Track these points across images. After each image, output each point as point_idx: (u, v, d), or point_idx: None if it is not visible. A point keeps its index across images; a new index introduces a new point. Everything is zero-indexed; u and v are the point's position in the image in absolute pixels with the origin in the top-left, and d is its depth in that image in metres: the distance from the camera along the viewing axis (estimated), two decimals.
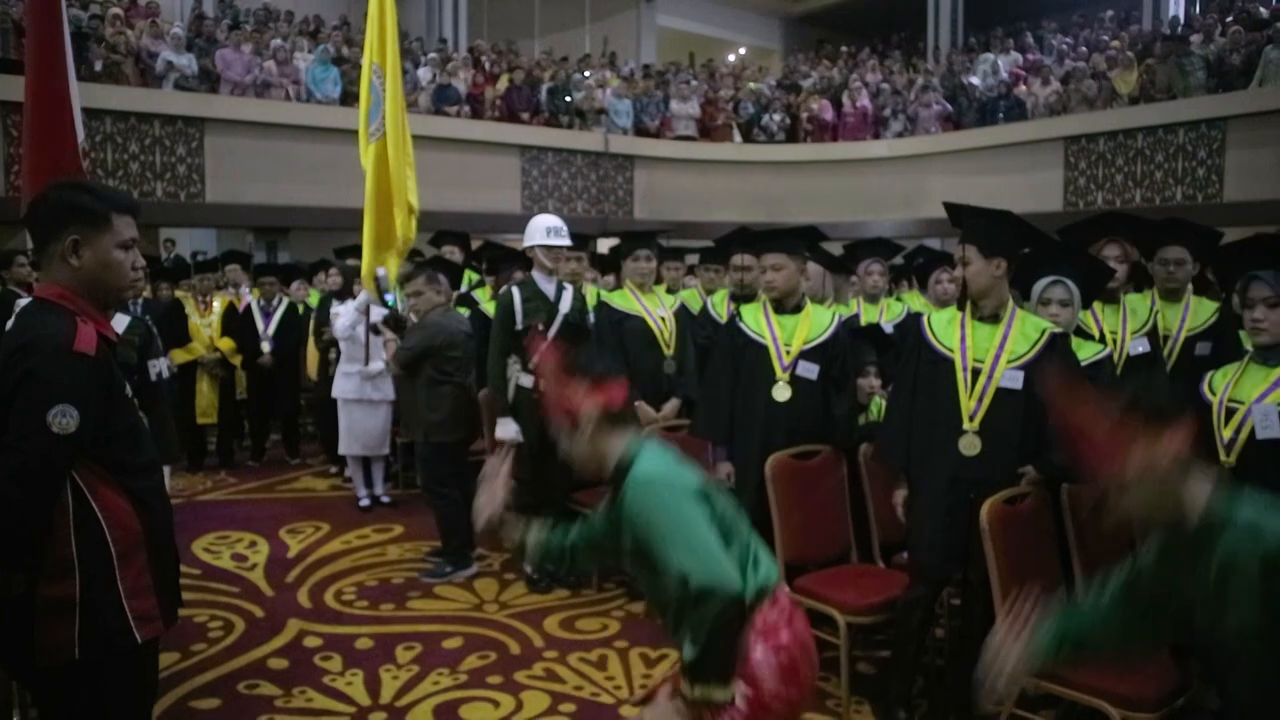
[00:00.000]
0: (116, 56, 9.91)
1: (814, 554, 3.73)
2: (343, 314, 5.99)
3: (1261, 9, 11.83)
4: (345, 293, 6.71)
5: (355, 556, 5.22)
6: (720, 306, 4.72)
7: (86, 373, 1.94)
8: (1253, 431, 2.81)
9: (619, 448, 2.22)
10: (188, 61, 10.47)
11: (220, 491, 6.75)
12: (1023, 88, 13.07)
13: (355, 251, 6.93)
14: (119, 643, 2.00)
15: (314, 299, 7.81)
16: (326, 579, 4.88)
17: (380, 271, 5.42)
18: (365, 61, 5.58)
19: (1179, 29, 12.97)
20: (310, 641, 4.09)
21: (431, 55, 12.90)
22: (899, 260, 6.40)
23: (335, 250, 7.77)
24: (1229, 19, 12.11)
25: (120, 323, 4.01)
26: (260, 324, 7.41)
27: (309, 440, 8.10)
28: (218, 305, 7.38)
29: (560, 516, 4.74)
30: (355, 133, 5.61)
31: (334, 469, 7.11)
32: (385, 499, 6.27)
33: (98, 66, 9.70)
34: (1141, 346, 3.94)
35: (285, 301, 7.62)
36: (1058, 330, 3.22)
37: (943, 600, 3.89)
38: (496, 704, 3.54)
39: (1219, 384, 2.99)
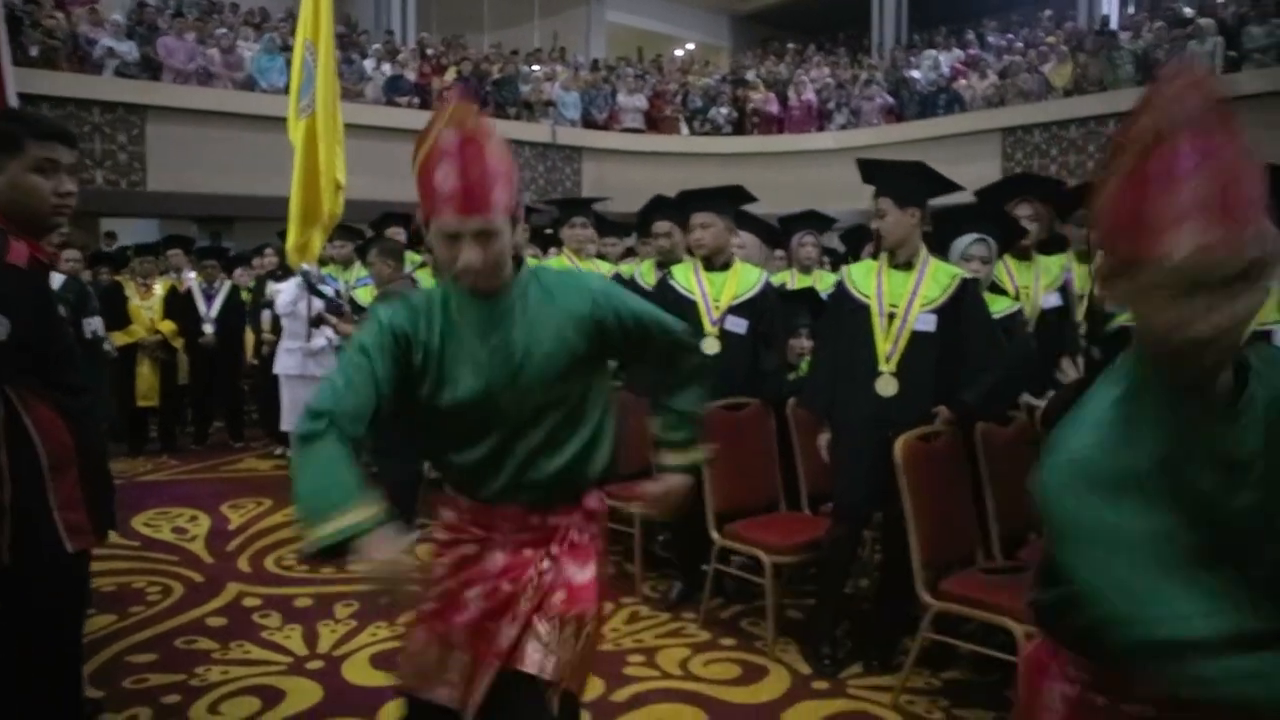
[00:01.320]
0: (53, 42, 9.78)
1: (744, 502, 3.85)
2: (284, 290, 6.02)
3: (1185, 8, 12.26)
4: (283, 271, 6.72)
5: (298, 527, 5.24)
6: (648, 275, 4.81)
7: (17, 283, 1.99)
8: None
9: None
10: (129, 49, 10.36)
11: (162, 473, 6.71)
12: (962, 82, 13.41)
13: None
14: (49, 552, 2.05)
15: (254, 284, 7.79)
16: (268, 547, 4.91)
17: (308, 267, 5.46)
18: (298, 38, 5.62)
19: (1109, 26, 13.41)
20: (249, 602, 4.13)
21: (376, 47, 12.89)
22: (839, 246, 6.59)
23: (278, 233, 7.75)
24: (1156, 18, 12.55)
25: (54, 281, 4.01)
26: (202, 306, 7.39)
27: (254, 426, 8.07)
28: (159, 288, 7.33)
29: None
30: None
31: (278, 450, 7.10)
32: None
33: (33, 52, 9.56)
34: (1054, 300, 4.12)
35: (228, 284, 7.60)
36: (968, 275, 3.38)
37: (868, 551, 4.05)
38: None
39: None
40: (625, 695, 3.22)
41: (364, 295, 6.48)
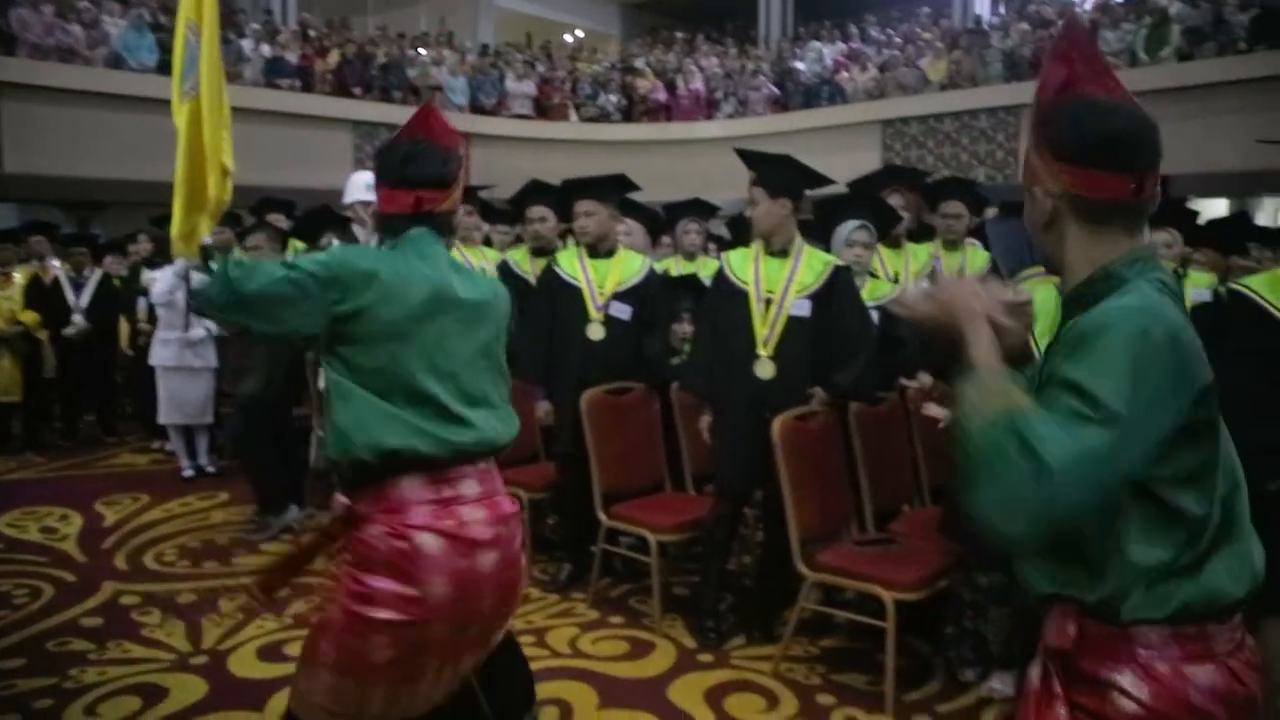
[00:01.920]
0: None
1: (629, 484, 3.95)
2: (160, 279, 5.81)
3: (1048, 9, 12.93)
4: (159, 259, 6.48)
5: (178, 522, 5.10)
6: (524, 262, 4.84)
7: None
8: None
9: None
10: None
11: (28, 471, 6.40)
12: (844, 74, 13.81)
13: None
14: None
15: (128, 273, 7.48)
16: (146, 543, 4.76)
17: (207, 240, 5.28)
18: (180, 18, 5.41)
19: (982, 24, 14.02)
20: (127, 600, 4.00)
21: (254, 27, 12.47)
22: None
23: (151, 219, 7.47)
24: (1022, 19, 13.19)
25: None
26: (71, 297, 7.04)
27: (128, 420, 7.75)
28: (19, 277, 6.95)
29: None
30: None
31: (156, 444, 6.86)
32: (210, 469, 6.11)
33: None
34: (925, 285, 4.36)
35: (99, 273, 7.27)
36: (840, 263, 3.55)
37: (750, 528, 4.21)
38: None
39: None
40: None
41: None
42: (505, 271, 4.86)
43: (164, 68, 10.33)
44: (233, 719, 2.98)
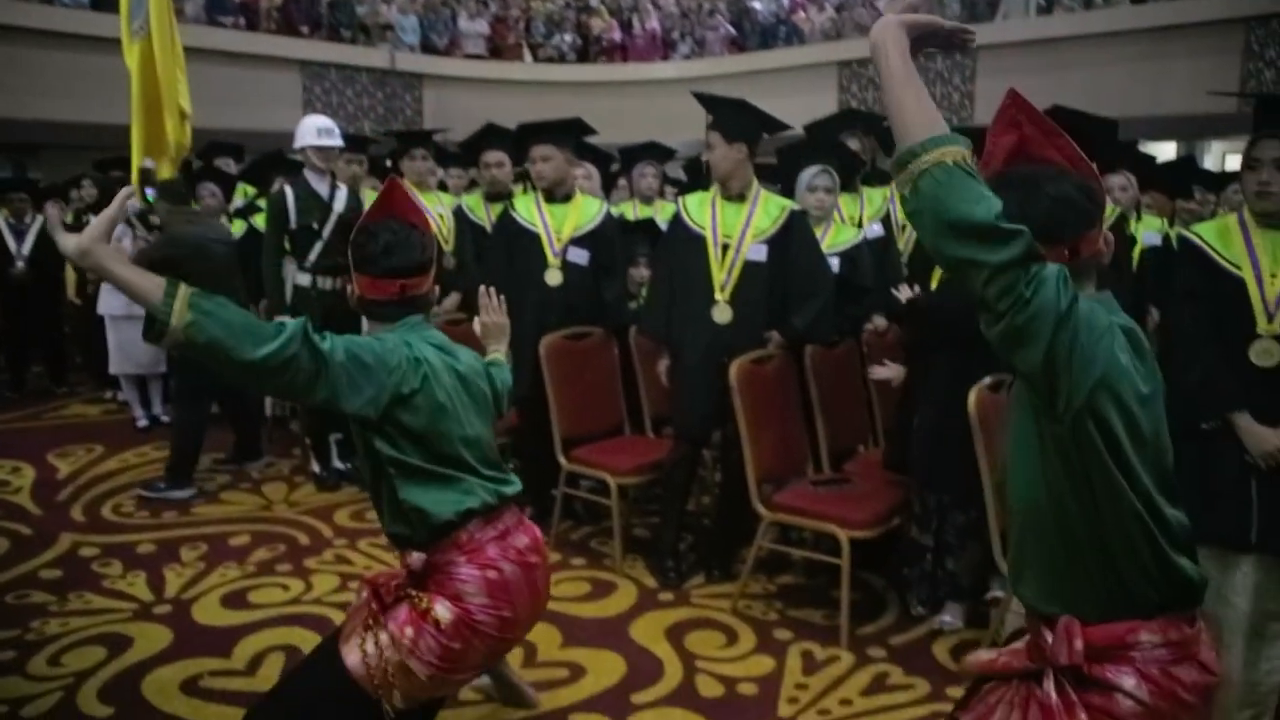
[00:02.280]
0: None
1: (589, 428, 3.99)
2: None
3: None
4: (103, 206, 6.29)
5: (134, 473, 5.05)
6: (478, 208, 4.80)
7: None
8: None
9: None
10: None
11: None
12: (801, 14, 13.70)
13: (118, 164, 6.53)
14: None
15: (73, 219, 7.26)
16: (103, 495, 4.72)
17: (148, 162, 5.13)
18: None
19: None
20: (86, 551, 3.98)
21: None
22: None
23: (95, 163, 7.25)
24: None
25: None
26: (12, 244, 6.84)
27: (79, 370, 7.61)
28: None
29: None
30: (116, 41, 5.22)
31: (107, 394, 6.75)
32: (165, 418, 6.03)
33: None
34: (877, 230, 4.39)
35: (40, 220, 7.06)
36: (796, 208, 3.57)
37: (709, 469, 4.28)
38: (286, 588, 3.61)
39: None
40: None
41: None
42: (460, 217, 4.82)
43: (100, 3, 9.94)
44: (200, 665, 3.01)
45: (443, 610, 1.95)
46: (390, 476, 2.01)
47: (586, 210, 4.06)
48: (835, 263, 3.69)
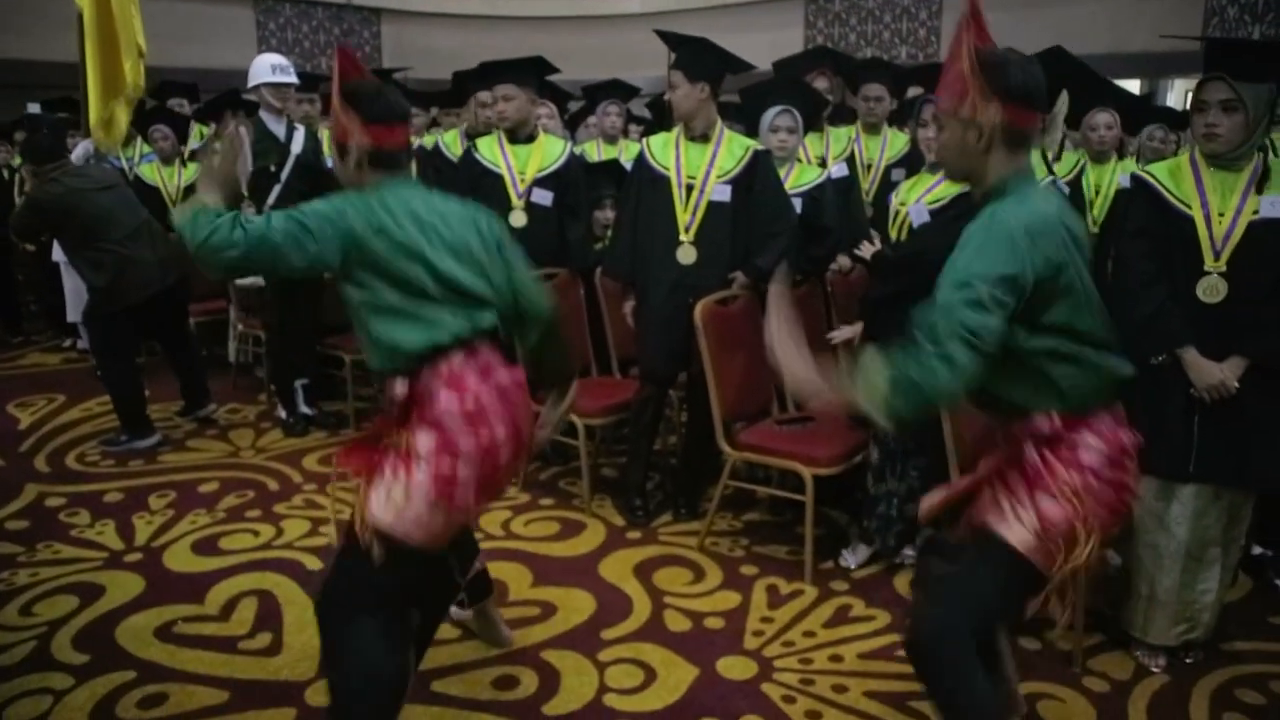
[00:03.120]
0: None
1: None
2: None
3: None
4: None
5: (98, 422, 5.00)
6: (454, 145, 4.74)
7: None
8: (912, 225, 3.29)
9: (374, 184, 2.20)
10: None
11: None
12: None
13: (66, 105, 6.34)
14: None
15: (20, 161, 7.06)
16: (67, 444, 4.68)
17: (87, 146, 5.00)
18: None
19: None
20: (52, 502, 3.97)
21: None
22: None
23: (41, 102, 7.02)
24: None
25: None
26: None
27: (35, 319, 7.47)
28: None
29: (311, 357, 4.81)
30: None
31: (66, 342, 6.64)
32: None
33: None
34: (841, 170, 4.40)
35: None
36: (760, 148, 3.57)
37: (675, 409, 4.32)
38: (256, 533, 3.63)
39: (903, 193, 3.45)
40: None
41: (148, 173, 6.05)
42: (420, 160, 4.75)
43: None
44: (174, 612, 3.03)
45: (423, 439, 2.07)
46: (363, 314, 2.14)
47: (550, 151, 4.03)
48: (798, 203, 3.69)
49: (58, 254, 5.68)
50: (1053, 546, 1.84)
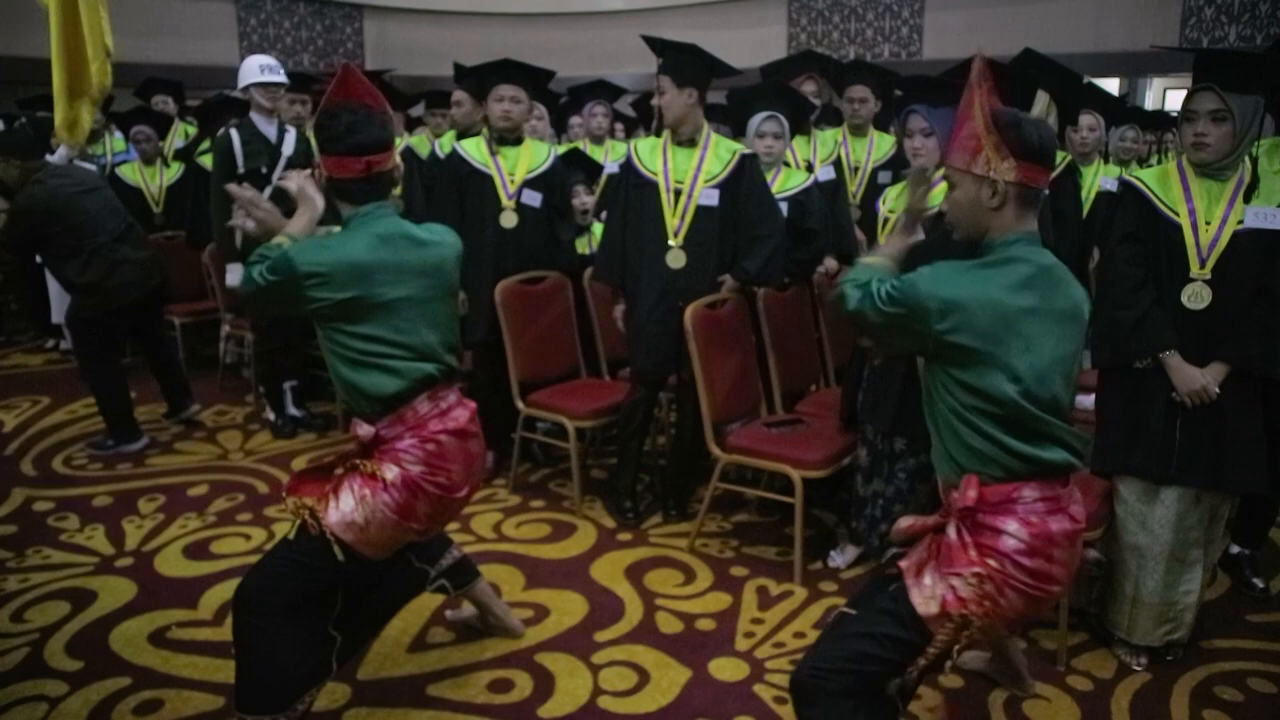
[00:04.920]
0: None
1: (546, 372, 4.03)
2: None
3: None
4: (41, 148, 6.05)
5: (84, 424, 4.98)
6: (450, 148, 4.73)
7: None
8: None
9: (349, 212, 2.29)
10: None
11: None
12: None
13: (43, 102, 6.28)
14: None
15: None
16: (53, 447, 4.66)
17: (62, 152, 4.96)
18: None
19: None
20: (40, 506, 3.95)
21: None
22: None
23: (18, 102, 6.96)
24: None
25: None
26: None
27: (15, 318, 7.40)
28: None
29: (299, 359, 4.80)
30: None
31: (49, 343, 6.60)
32: None
33: None
34: (828, 174, 4.43)
35: None
36: (747, 151, 3.60)
37: (664, 411, 4.35)
38: (248, 537, 3.63)
39: (891, 200, 3.49)
40: None
41: (128, 172, 6.01)
42: (409, 160, 4.73)
43: None
44: (167, 616, 3.04)
45: (389, 472, 2.21)
46: (333, 357, 2.27)
47: (537, 153, 4.04)
48: (785, 207, 3.73)
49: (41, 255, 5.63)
50: (950, 624, 1.84)
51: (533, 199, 3.97)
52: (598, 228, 4.38)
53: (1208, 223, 2.58)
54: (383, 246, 2.21)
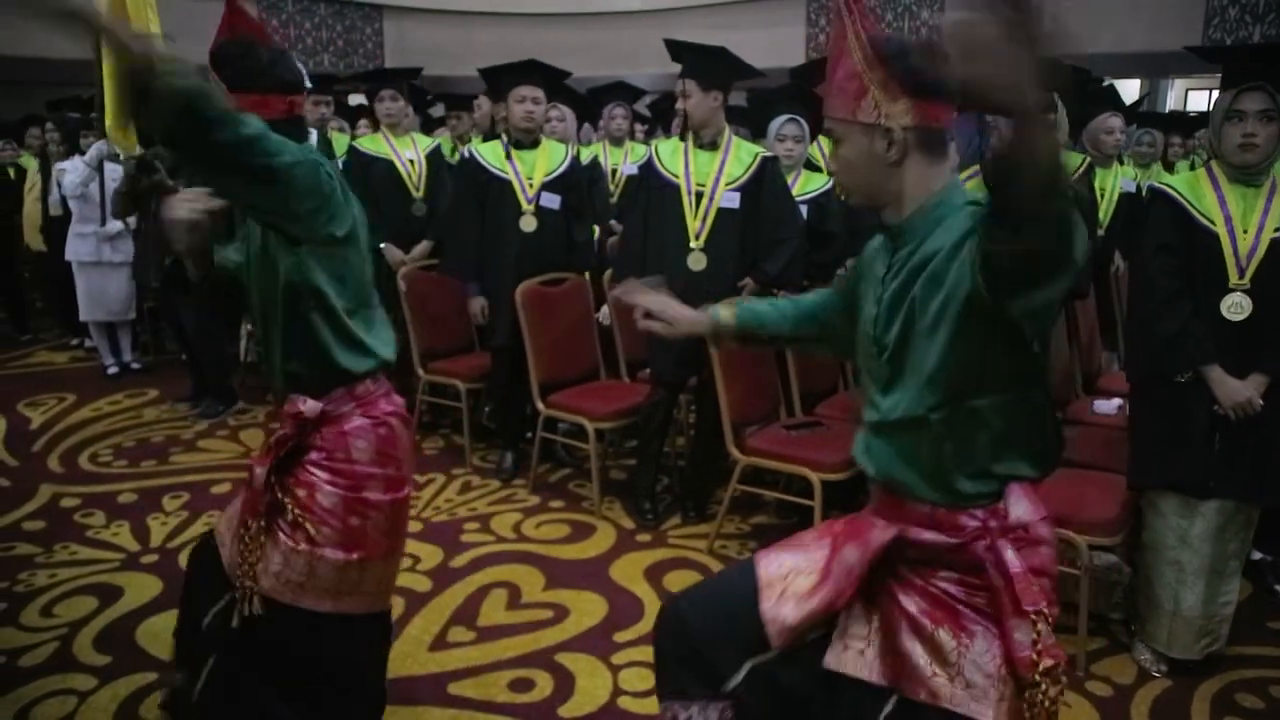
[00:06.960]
0: None
1: (566, 373, 4.05)
2: (69, 170, 5.57)
3: None
4: (70, 148, 6.12)
5: (109, 421, 5.05)
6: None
7: None
8: None
9: None
10: None
11: None
12: None
13: (73, 104, 6.36)
14: None
15: (27, 161, 7.06)
16: (79, 444, 4.72)
17: (101, 147, 5.01)
18: None
19: None
20: (67, 502, 4.01)
21: None
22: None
23: (47, 104, 7.04)
24: None
25: None
26: None
27: (41, 316, 7.50)
28: None
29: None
30: None
31: (74, 340, 6.68)
32: (136, 365, 6.01)
33: None
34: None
35: None
36: (768, 154, 3.61)
37: (683, 413, 4.37)
38: None
39: None
40: (464, 560, 3.44)
41: None
42: (436, 161, 4.75)
43: None
44: None
45: (323, 496, 1.91)
46: (312, 309, 1.88)
47: (554, 155, 4.07)
48: (804, 209, 3.74)
49: (70, 253, 5.71)
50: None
51: (551, 201, 4.00)
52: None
53: (1245, 231, 2.51)
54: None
